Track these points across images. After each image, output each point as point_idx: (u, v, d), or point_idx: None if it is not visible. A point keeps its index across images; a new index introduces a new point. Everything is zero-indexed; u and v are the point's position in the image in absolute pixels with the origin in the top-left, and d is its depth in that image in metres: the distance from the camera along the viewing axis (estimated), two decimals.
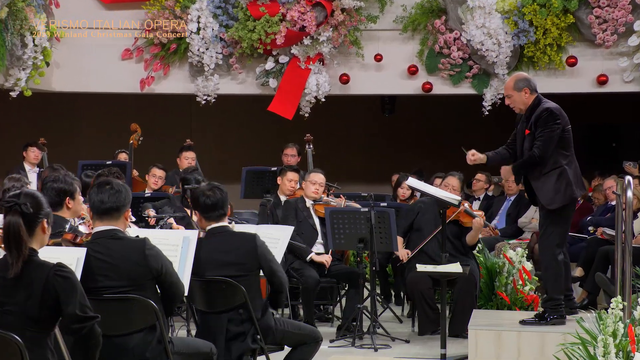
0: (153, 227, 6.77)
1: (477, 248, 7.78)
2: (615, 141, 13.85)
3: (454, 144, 14.49)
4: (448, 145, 14.51)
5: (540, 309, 6.24)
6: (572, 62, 10.26)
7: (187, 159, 9.65)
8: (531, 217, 9.64)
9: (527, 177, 6.23)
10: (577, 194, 6.12)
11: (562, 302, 6.11)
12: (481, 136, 14.07)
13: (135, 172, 9.75)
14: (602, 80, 10.32)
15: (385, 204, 8.28)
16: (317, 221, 7.65)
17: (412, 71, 10.58)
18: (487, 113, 10.45)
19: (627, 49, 10.19)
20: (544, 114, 6.03)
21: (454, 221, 7.24)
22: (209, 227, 4.91)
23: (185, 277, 4.39)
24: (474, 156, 6.32)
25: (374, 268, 6.92)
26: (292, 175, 8.31)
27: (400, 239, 7.32)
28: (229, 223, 4.99)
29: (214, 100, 10.68)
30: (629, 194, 5.41)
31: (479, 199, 10.63)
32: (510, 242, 9.38)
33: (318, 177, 7.73)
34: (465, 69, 10.51)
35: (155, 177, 9.21)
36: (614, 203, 8.43)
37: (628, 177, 5.49)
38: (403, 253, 7.24)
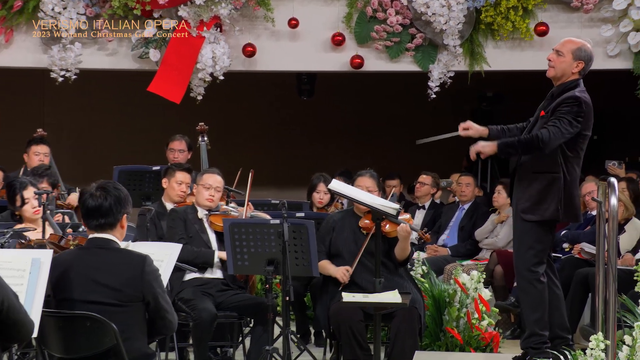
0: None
1: (414, 264, 7.86)
2: (597, 133, 14.18)
3: (391, 136, 14.75)
4: (383, 137, 14.71)
5: (521, 351, 6.35)
6: (542, 30, 10.46)
7: (38, 155, 9.49)
8: (490, 230, 9.79)
9: (513, 174, 6.39)
10: (561, 217, 6.27)
11: (546, 339, 6.24)
12: (427, 126, 14.26)
13: None
14: None
15: (302, 214, 8.29)
16: (212, 237, 7.62)
17: (338, 41, 10.63)
18: (434, 96, 10.58)
19: (612, 14, 10.44)
20: (571, 101, 6.19)
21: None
22: (89, 237, 4.93)
23: (34, 311, 4.32)
24: (469, 130, 6.44)
25: (287, 298, 6.92)
26: (181, 177, 8.25)
27: (327, 262, 7.32)
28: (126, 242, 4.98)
29: (74, 77, 10.53)
30: (613, 201, 5.54)
31: (423, 207, 10.75)
32: (464, 263, 9.51)
33: (214, 180, 7.70)
34: (405, 38, 10.62)
35: None
36: (594, 213, 8.64)
37: (612, 180, 5.62)
38: (342, 272, 7.21)
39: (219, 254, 7.47)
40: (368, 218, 7.09)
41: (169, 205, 8.20)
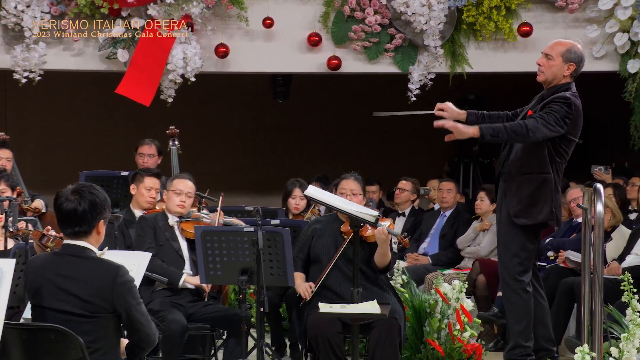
0: None
1: (394, 273, 7.85)
2: (582, 137, 14.25)
3: (369, 140, 14.75)
4: (362, 142, 14.71)
5: None
6: (525, 30, 10.50)
7: (0, 160, 9.44)
8: (472, 238, 9.80)
9: (498, 178, 6.41)
10: (553, 219, 6.29)
11: (531, 351, 6.25)
12: (408, 130, 14.32)
13: None
14: None
15: (277, 221, 8.28)
16: (184, 245, 7.61)
17: (314, 42, 10.63)
18: (414, 99, 10.59)
19: (598, 14, 10.49)
20: (561, 100, 6.22)
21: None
22: (63, 243, 4.91)
23: None
24: (444, 112, 6.44)
25: (262, 309, 6.91)
26: (150, 182, 8.23)
27: (299, 275, 7.31)
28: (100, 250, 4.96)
29: (38, 78, 10.48)
30: (599, 207, 5.58)
31: (403, 214, 10.76)
32: (445, 272, 9.52)
33: (184, 185, 7.68)
34: (384, 39, 10.64)
35: None
36: (580, 220, 8.67)
37: (598, 186, 5.66)
38: (304, 287, 7.23)
39: (186, 278, 7.43)
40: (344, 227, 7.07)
41: (138, 213, 8.17)
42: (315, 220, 7.62)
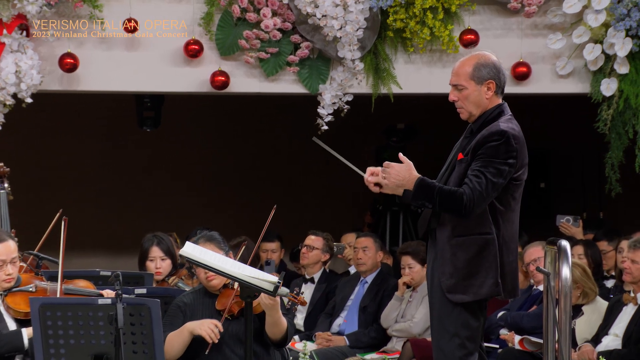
0: None
1: (299, 358, 7.88)
2: (544, 179, 14.41)
3: (268, 182, 14.75)
4: (258, 184, 14.72)
5: None
6: (469, 39, 10.60)
7: None
8: (396, 308, 9.83)
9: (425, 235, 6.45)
10: (499, 293, 6.32)
11: None
12: (318, 167, 14.34)
13: None
14: (520, 72, 10.67)
15: (144, 290, 8.23)
16: (12, 326, 7.54)
17: (193, 52, 10.63)
18: (326, 127, 10.62)
19: (562, 19, 10.63)
20: (496, 139, 6.21)
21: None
22: None
23: None
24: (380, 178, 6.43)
25: None
26: None
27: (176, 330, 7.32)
28: None
29: None
30: (566, 272, 5.63)
31: (312, 280, 10.76)
32: (367, 357, 9.56)
33: (7, 250, 7.60)
34: (286, 49, 10.67)
35: None
36: (541, 288, 8.76)
37: (563, 243, 5.71)
38: (209, 325, 7.16)
39: (29, 332, 7.35)
40: (225, 295, 7.06)
41: None
42: (180, 297, 7.61)
